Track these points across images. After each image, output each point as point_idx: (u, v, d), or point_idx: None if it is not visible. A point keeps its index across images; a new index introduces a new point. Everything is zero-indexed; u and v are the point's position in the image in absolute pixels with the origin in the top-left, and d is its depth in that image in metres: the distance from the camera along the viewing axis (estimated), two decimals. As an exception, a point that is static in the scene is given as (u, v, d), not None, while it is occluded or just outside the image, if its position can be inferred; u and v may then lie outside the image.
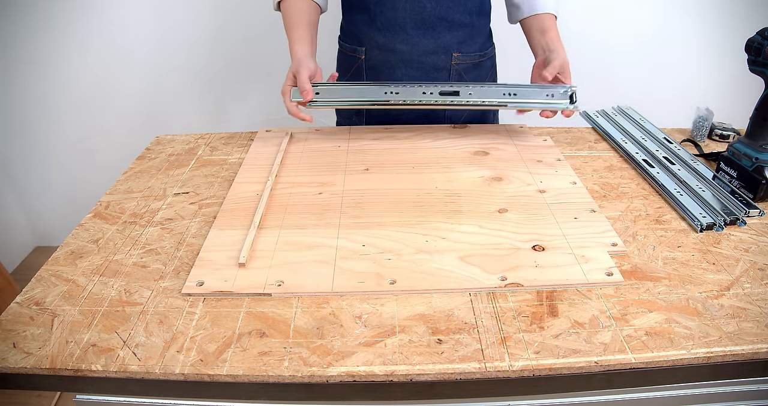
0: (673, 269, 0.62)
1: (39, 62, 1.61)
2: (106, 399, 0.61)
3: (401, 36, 0.96)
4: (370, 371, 0.50)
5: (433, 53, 0.98)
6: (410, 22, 0.95)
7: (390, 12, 0.95)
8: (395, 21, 0.95)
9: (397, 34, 0.96)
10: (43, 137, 1.76)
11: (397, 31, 0.96)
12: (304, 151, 0.91)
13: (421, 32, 0.96)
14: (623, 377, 0.52)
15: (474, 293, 0.59)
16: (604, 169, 0.85)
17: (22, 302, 0.59)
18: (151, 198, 0.79)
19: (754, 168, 0.74)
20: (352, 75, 1.06)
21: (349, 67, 1.06)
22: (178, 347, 0.52)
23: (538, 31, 0.96)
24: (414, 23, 0.95)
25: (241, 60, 1.66)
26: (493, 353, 0.51)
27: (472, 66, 1.02)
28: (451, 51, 0.99)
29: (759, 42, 0.71)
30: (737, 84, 1.55)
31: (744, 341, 0.52)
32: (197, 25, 1.59)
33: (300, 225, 0.70)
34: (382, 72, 1.02)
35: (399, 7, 0.94)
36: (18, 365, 0.51)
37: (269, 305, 0.58)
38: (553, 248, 0.65)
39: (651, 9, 1.59)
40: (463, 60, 1.01)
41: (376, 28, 0.97)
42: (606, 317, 0.55)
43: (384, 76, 1.02)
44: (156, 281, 0.62)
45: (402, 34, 0.96)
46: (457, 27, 0.97)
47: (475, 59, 1.03)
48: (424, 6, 0.93)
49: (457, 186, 0.79)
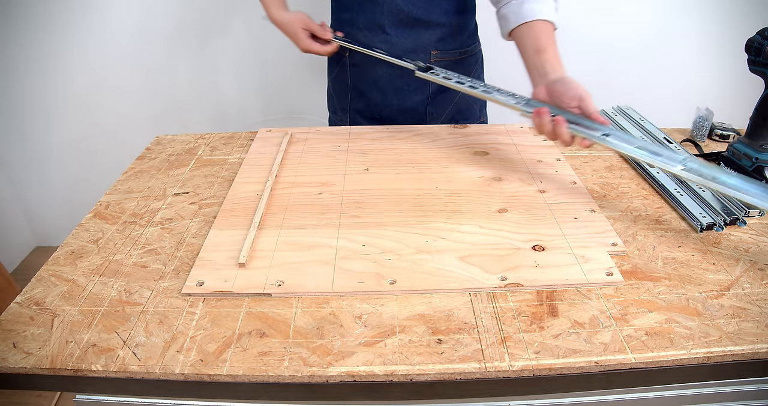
0: (673, 269, 0.62)
1: (39, 62, 1.61)
2: (106, 399, 0.61)
3: (381, 36, 0.98)
4: (370, 371, 0.50)
5: (412, 52, 1.00)
6: (388, 23, 0.97)
7: (369, 13, 0.97)
8: (374, 22, 0.98)
9: (376, 34, 0.99)
10: (43, 137, 1.76)
11: (377, 32, 0.98)
12: (304, 151, 0.91)
13: (399, 31, 0.98)
14: (623, 377, 0.52)
15: (474, 293, 0.59)
16: (604, 169, 0.85)
17: (22, 302, 0.59)
18: (151, 198, 0.79)
19: (754, 168, 0.74)
20: (339, 70, 1.10)
21: (337, 63, 1.10)
22: (178, 347, 0.52)
23: (533, 50, 0.80)
24: (392, 24, 0.97)
25: (242, 60, 1.66)
26: (493, 353, 0.51)
27: (452, 63, 1.04)
28: (430, 49, 1.01)
29: (759, 42, 0.71)
30: (737, 84, 1.55)
31: (744, 341, 0.52)
32: (197, 25, 1.59)
33: (300, 225, 0.70)
34: (364, 70, 1.05)
35: (377, 9, 0.96)
36: (18, 365, 0.51)
37: (269, 305, 0.58)
38: (553, 248, 0.65)
39: (651, 9, 1.59)
40: (442, 57, 1.02)
41: (358, 28, 1.00)
42: (606, 317, 0.55)
43: (365, 73, 1.06)
44: (156, 281, 0.62)
45: (381, 34, 0.98)
46: (435, 26, 0.99)
47: (455, 56, 1.04)
48: (401, 8, 0.96)
49: (457, 186, 0.79)
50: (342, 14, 1.03)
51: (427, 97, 1.07)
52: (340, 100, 1.14)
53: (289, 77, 1.69)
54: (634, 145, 0.69)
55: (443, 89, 1.06)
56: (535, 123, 0.75)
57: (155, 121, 1.73)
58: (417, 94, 1.06)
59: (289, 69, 1.67)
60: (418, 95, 1.06)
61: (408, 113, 1.08)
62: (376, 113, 1.10)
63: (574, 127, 0.72)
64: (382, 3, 0.95)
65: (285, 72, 1.67)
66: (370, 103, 1.09)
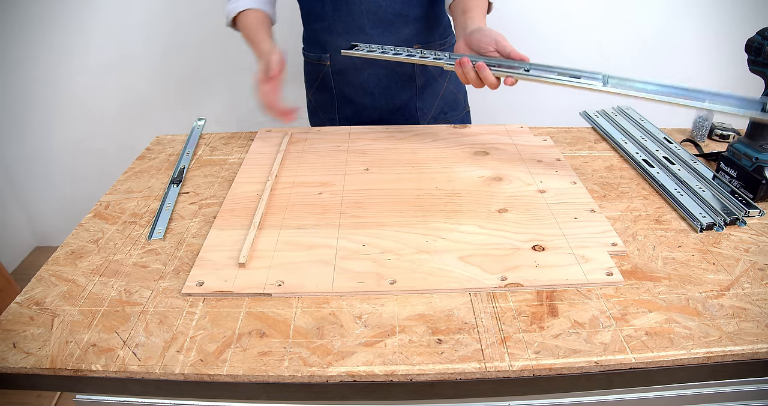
0: (673, 269, 0.62)
1: (39, 62, 1.62)
2: (106, 399, 0.61)
3: (361, 37, 0.98)
4: (370, 371, 0.50)
5: None
6: (368, 23, 0.97)
7: (347, 17, 0.96)
8: (353, 24, 0.97)
9: (357, 37, 0.98)
10: (44, 137, 1.76)
11: (357, 34, 0.98)
12: (304, 151, 0.91)
13: (379, 30, 0.98)
14: (623, 377, 0.52)
15: (474, 293, 0.59)
16: (604, 169, 0.85)
17: (22, 302, 0.59)
18: (151, 198, 0.79)
19: (754, 168, 0.74)
20: (320, 82, 1.08)
21: (317, 76, 1.09)
22: (178, 347, 0.52)
23: (460, 12, 0.86)
24: (372, 23, 0.97)
25: (242, 60, 1.66)
26: (493, 353, 0.51)
27: None
28: (411, 44, 1.01)
29: (759, 42, 0.71)
30: (737, 84, 1.55)
31: (744, 341, 0.52)
32: (198, 25, 1.59)
33: (300, 225, 0.70)
34: (349, 74, 1.05)
35: (355, 11, 0.95)
36: (18, 365, 0.51)
37: (269, 305, 0.58)
38: (553, 248, 0.65)
39: (652, 9, 1.59)
40: None
41: (337, 33, 0.99)
42: (606, 317, 0.55)
43: (351, 78, 1.05)
44: (156, 281, 0.62)
45: (361, 35, 0.98)
46: (414, 20, 0.99)
47: (435, 48, 1.04)
48: (379, 4, 0.95)
49: (457, 186, 0.79)
50: (316, 24, 1.01)
51: (415, 93, 1.07)
52: (326, 111, 1.12)
53: (290, 77, 1.68)
54: (555, 73, 0.73)
55: (429, 83, 1.07)
56: (459, 74, 0.78)
57: (155, 121, 1.73)
58: (405, 91, 1.06)
59: (290, 69, 1.66)
60: (407, 92, 1.06)
61: (398, 112, 1.08)
62: (366, 118, 1.09)
63: (497, 69, 0.76)
64: (359, 3, 0.94)
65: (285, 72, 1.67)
66: (359, 108, 1.08)
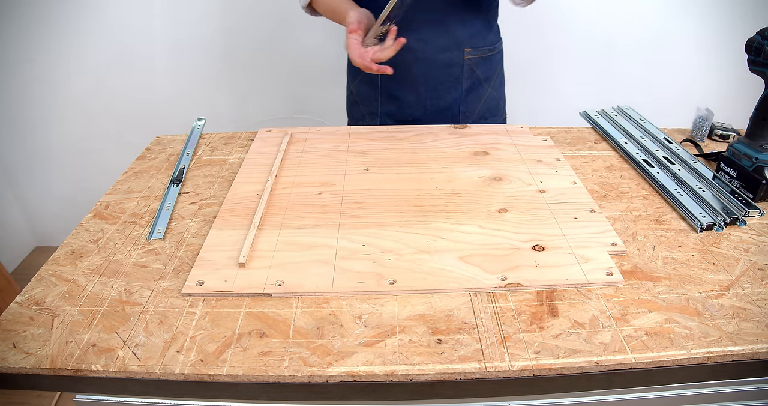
0: (673, 269, 0.62)
1: (39, 62, 1.61)
2: (106, 399, 0.61)
3: (414, 34, 0.96)
4: (370, 371, 0.50)
5: (446, 50, 0.99)
6: (423, 21, 0.96)
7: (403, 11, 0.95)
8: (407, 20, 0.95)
9: (410, 33, 0.96)
10: (43, 137, 1.76)
11: (411, 30, 0.96)
12: (304, 151, 0.91)
13: (433, 29, 0.97)
14: (623, 377, 0.52)
15: (474, 293, 0.59)
16: (604, 169, 0.85)
17: (22, 302, 0.59)
18: (151, 198, 0.79)
19: (754, 168, 0.74)
20: (364, 74, 1.07)
21: None
22: (178, 347, 0.52)
23: None
24: (427, 21, 0.96)
25: (242, 60, 1.66)
26: (493, 353, 0.51)
27: (482, 60, 1.03)
28: (463, 46, 1.00)
29: (759, 42, 0.71)
30: (737, 84, 1.55)
31: (744, 341, 0.52)
32: (197, 25, 1.59)
33: (300, 225, 0.70)
34: (398, 70, 1.02)
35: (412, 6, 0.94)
36: (18, 365, 0.51)
37: (269, 305, 0.58)
38: (553, 248, 0.65)
39: (651, 9, 1.59)
40: (474, 55, 1.02)
41: None
42: (606, 317, 0.55)
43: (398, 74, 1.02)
44: (156, 281, 0.62)
45: (415, 33, 0.96)
46: (469, 22, 0.98)
47: (485, 53, 1.03)
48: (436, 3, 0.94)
49: (457, 186, 0.79)
50: None
51: (460, 95, 1.05)
52: (368, 104, 1.10)
53: (290, 77, 1.69)
54: None
55: (474, 87, 1.06)
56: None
57: (155, 121, 1.73)
58: (451, 92, 1.04)
59: (290, 69, 1.67)
60: (452, 93, 1.04)
61: (442, 113, 1.06)
62: (408, 115, 1.07)
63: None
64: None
65: (285, 72, 1.67)
66: (402, 105, 1.06)
